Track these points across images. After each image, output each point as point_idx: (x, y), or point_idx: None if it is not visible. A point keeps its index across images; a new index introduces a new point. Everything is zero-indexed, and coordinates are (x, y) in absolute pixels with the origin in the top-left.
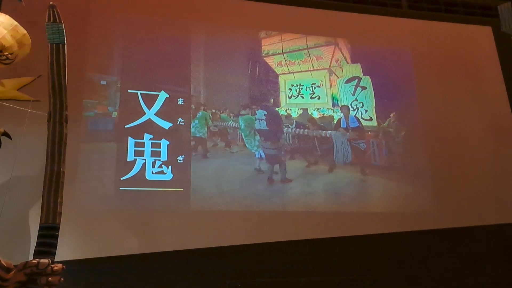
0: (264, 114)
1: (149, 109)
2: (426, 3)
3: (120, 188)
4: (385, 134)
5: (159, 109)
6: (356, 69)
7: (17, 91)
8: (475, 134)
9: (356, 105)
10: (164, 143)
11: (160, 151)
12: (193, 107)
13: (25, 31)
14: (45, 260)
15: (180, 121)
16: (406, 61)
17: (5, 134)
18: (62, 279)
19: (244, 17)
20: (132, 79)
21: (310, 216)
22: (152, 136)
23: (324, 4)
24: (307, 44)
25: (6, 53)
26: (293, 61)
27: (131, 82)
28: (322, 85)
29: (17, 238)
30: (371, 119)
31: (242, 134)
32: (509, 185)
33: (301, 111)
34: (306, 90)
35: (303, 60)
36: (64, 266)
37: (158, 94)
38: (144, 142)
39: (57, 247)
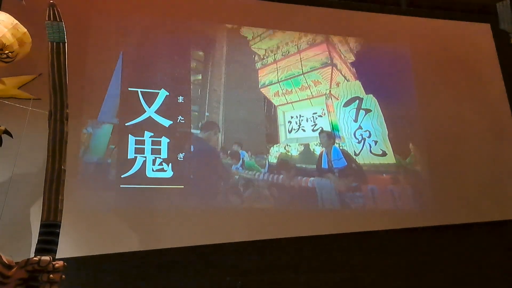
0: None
1: (149, 107)
2: (425, 0)
3: (121, 186)
4: (409, 175)
5: (159, 107)
6: (355, 88)
7: (18, 89)
8: (474, 131)
9: (361, 134)
10: (164, 140)
11: (160, 148)
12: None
13: (26, 30)
14: (46, 258)
15: (180, 119)
16: (404, 59)
17: (6, 132)
18: (64, 276)
19: (243, 14)
20: (132, 77)
21: (311, 213)
22: (152, 134)
23: (322, 2)
24: (302, 69)
25: (6, 52)
26: (290, 90)
27: (131, 80)
28: (324, 114)
29: (18, 236)
30: (384, 154)
31: None
32: (508, 182)
33: (302, 148)
34: (307, 121)
35: (300, 87)
36: (65, 263)
37: (158, 92)
38: (144, 140)
39: (58, 244)
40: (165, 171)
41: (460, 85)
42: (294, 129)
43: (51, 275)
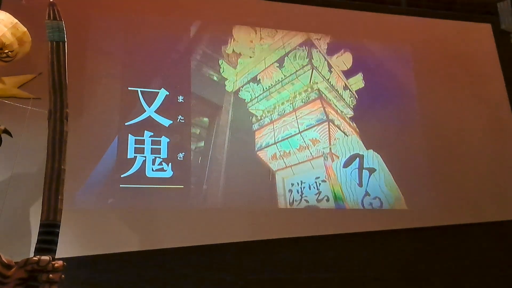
0: None
1: (149, 107)
2: (425, 0)
3: (121, 186)
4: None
5: (159, 107)
6: (352, 144)
7: (18, 89)
8: (475, 131)
9: (371, 204)
10: (164, 140)
11: (160, 148)
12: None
13: (25, 29)
14: (46, 257)
15: (180, 119)
16: (405, 59)
17: (6, 131)
18: (63, 276)
19: (241, 12)
20: (132, 76)
21: (311, 213)
22: (152, 134)
23: (321, 2)
24: (298, 128)
25: (6, 51)
26: (287, 151)
27: (131, 79)
28: (328, 179)
29: (18, 235)
30: None
31: None
32: (509, 182)
33: None
34: (310, 189)
35: (298, 148)
36: (65, 263)
37: (158, 92)
38: (144, 140)
39: (58, 244)
40: (165, 171)
41: (461, 85)
42: (296, 201)
43: (51, 275)
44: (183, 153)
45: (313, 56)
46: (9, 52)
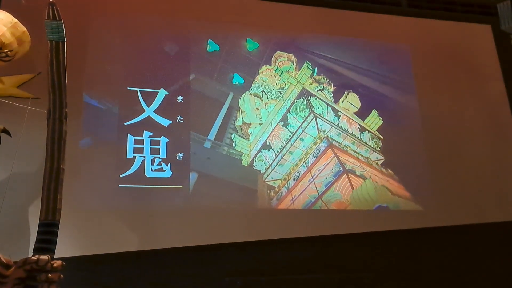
0: None
1: (149, 107)
2: (426, 1)
3: (120, 185)
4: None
5: (158, 107)
6: (375, 193)
7: (17, 89)
8: (474, 132)
9: None
10: (164, 140)
11: (159, 148)
12: None
13: (25, 29)
14: (44, 257)
15: (179, 119)
16: (405, 59)
17: (5, 131)
18: (62, 275)
19: (242, 12)
20: (132, 76)
21: (310, 214)
22: (151, 134)
23: (321, 2)
24: (317, 191)
25: (5, 50)
26: None
27: (130, 79)
28: None
29: (16, 235)
30: None
31: None
32: (509, 182)
33: None
34: None
35: None
36: (63, 263)
37: (158, 92)
38: (143, 140)
39: (57, 243)
40: (164, 171)
41: (461, 86)
42: None
43: (49, 275)
44: (182, 153)
45: (313, 104)
46: (8, 52)
